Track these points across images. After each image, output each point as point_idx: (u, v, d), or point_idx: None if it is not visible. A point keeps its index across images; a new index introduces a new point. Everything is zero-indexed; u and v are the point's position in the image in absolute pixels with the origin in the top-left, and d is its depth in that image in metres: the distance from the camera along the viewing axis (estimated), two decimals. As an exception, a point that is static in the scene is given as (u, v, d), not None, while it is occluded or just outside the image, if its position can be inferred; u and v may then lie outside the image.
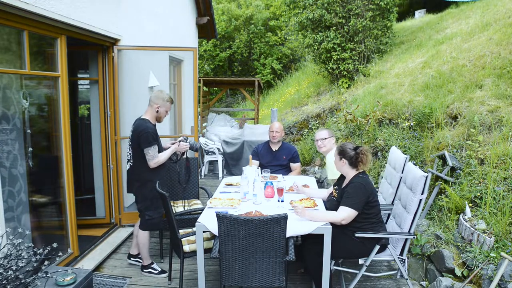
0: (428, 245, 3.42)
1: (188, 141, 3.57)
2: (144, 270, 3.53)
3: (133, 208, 4.78)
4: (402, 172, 3.43)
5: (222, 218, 2.43)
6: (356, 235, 2.82)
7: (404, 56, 7.76)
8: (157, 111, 3.34)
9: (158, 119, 3.42)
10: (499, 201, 3.35)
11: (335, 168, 3.19)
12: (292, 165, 4.54)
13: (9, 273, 2.10)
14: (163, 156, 3.35)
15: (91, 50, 4.40)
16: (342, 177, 3.17)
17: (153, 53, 5.04)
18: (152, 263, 3.56)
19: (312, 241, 2.94)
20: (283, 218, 2.41)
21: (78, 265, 3.47)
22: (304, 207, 2.90)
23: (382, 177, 3.95)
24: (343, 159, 2.97)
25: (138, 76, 4.82)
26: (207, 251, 3.02)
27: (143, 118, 3.34)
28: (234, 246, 2.48)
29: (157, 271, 3.52)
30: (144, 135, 3.20)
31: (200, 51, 18.81)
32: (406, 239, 2.95)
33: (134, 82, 4.72)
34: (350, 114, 5.97)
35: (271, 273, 2.52)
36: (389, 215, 3.51)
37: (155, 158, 3.27)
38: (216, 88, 14.94)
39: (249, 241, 2.45)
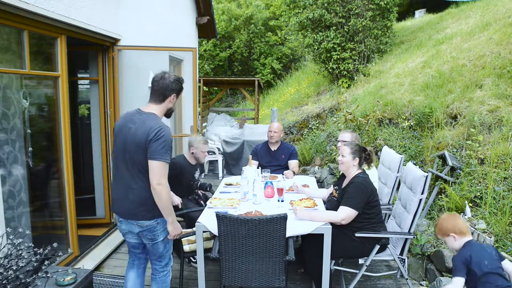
0: (428, 245, 3.42)
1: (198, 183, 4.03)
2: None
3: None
4: (398, 172, 3.43)
5: (222, 218, 2.43)
6: (356, 235, 2.82)
7: (404, 56, 7.76)
8: (192, 153, 3.84)
9: (197, 160, 3.90)
10: (499, 201, 3.35)
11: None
12: (289, 162, 4.45)
13: (9, 273, 2.10)
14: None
15: (91, 50, 4.40)
16: (342, 177, 3.17)
17: (153, 53, 5.03)
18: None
19: (312, 241, 2.93)
20: (283, 218, 2.41)
21: (78, 265, 3.47)
22: (302, 209, 2.89)
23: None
24: (356, 158, 2.98)
25: (138, 76, 4.82)
26: (207, 251, 3.02)
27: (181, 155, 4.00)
28: (234, 246, 2.47)
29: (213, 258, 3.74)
30: None
31: (200, 51, 18.80)
32: (406, 239, 2.95)
33: (134, 82, 4.72)
34: (350, 114, 5.97)
35: (271, 273, 2.52)
36: (386, 214, 3.51)
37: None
38: (216, 88, 14.93)
39: (249, 241, 2.45)
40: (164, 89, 2.35)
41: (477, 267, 2.07)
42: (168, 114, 2.47)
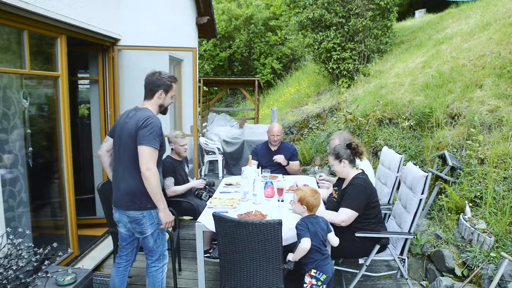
0: (428, 245, 3.42)
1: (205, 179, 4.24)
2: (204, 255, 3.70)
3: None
4: (398, 172, 3.43)
5: (218, 219, 2.42)
6: (356, 234, 2.82)
7: (404, 56, 7.76)
8: (172, 148, 3.91)
9: (179, 154, 3.94)
10: (499, 201, 3.35)
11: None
12: (290, 163, 4.43)
13: (9, 272, 2.10)
14: (180, 189, 3.83)
15: (91, 50, 4.40)
16: (342, 178, 3.17)
17: (153, 53, 5.03)
18: (210, 249, 3.81)
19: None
20: (277, 224, 2.29)
21: (78, 265, 3.47)
22: None
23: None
24: (343, 160, 2.97)
25: (138, 76, 4.80)
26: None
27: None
28: (232, 247, 2.45)
29: (213, 257, 3.76)
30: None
31: (200, 51, 18.80)
32: (406, 239, 2.95)
33: (134, 81, 4.70)
34: (350, 113, 5.97)
35: (270, 278, 2.47)
36: (386, 214, 3.51)
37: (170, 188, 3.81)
38: (216, 88, 14.93)
39: (245, 243, 2.41)
40: (151, 84, 2.54)
41: (313, 235, 2.45)
42: (162, 111, 2.64)
